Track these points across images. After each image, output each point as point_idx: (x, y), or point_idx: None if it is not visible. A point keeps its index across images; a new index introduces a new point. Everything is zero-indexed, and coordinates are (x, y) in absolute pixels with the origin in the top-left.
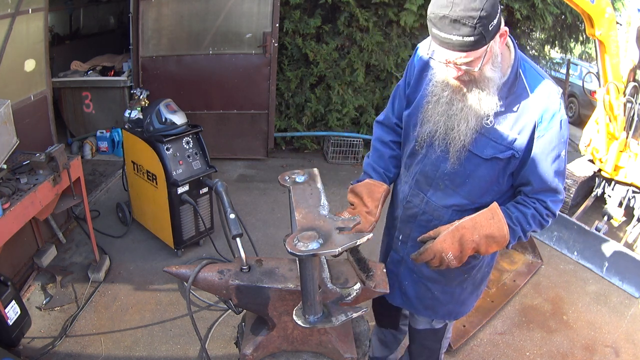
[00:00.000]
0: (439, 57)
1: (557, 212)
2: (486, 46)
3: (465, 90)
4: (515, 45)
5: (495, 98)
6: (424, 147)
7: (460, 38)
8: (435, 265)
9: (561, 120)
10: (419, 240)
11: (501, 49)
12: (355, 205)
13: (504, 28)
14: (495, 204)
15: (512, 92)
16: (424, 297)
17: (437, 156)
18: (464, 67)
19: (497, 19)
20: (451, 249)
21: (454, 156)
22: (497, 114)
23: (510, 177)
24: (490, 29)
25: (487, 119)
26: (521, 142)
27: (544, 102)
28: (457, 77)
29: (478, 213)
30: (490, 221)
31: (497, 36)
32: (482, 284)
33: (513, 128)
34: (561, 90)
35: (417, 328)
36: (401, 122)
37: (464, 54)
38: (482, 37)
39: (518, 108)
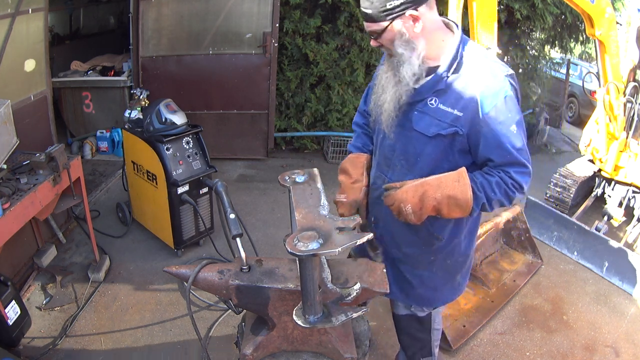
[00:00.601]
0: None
1: (525, 185)
2: (386, 22)
3: (392, 67)
4: (462, 33)
5: (410, 74)
6: (381, 129)
7: (364, 9)
8: (394, 213)
9: (505, 97)
10: (384, 188)
11: (420, 35)
12: (342, 181)
13: (416, 13)
14: (463, 169)
15: (455, 74)
16: (397, 279)
17: (392, 134)
18: (377, 41)
19: (400, 1)
20: (411, 201)
21: (390, 133)
22: (439, 95)
23: (461, 154)
24: (388, 6)
25: (416, 97)
26: (464, 119)
27: (487, 81)
28: (379, 46)
29: (445, 174)
30: (456, 183)
31: (406, 18)
32: (457, 274)
33: (455, 106)
34: (510, 72)
35: (399, 313)
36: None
37: (367, 24)
38: (379, 12)
39: (460, 88)
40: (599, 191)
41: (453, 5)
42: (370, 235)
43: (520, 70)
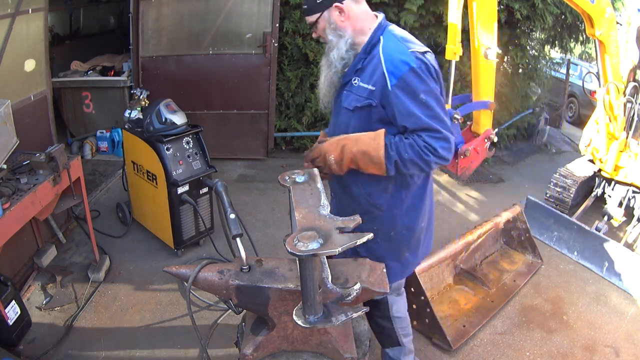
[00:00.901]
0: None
1: (441, 150)
2: (318, 14)
3: (326, 54)
4: (383, 20)
5: (338, 58)
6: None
7: (304, 6)
8: (319, 164)
9: (410, 69)
10: (317, 143)
11: (345, 24)
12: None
13: (341, 5)
14: (382, 130)
15: (370, 54)
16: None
17: (333, 111)
18: (315, 32)
19: None
20: (334, 152)
21: (330, 110)
22: (359, 74)
23: (381, 124)
24: (318, 0)
25: (345, 78)
26: (376, 92)
27: (394, 56)
28: (317, 37)
29: (365, 132)
30: (371, 141)
31: (333, 10)
32: (405, 250)
33: (369, 82)
34: (421, 50)
35: None
36: None
37: (306, 17)
38: (312, 6)
39: (372, 65)
40: (599, 191)
41: (453, 5)
42: (370, 235)
43: (520, 70)
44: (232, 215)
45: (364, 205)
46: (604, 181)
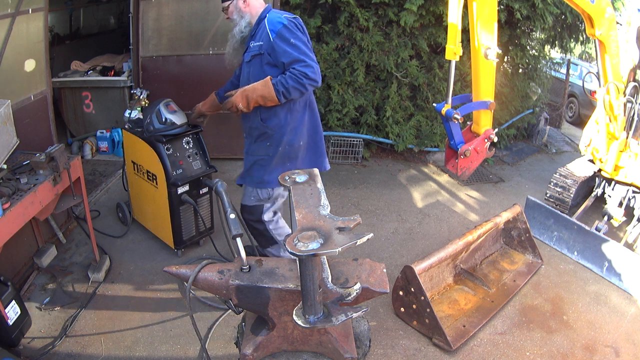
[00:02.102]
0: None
1: (312, 74)
2: (230, 1)
3: (231, 30)
4: (269, 6)
5: (238, 31)
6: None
7: None
8: (234, 110)
9: (283, 25)
10: (225, 96)
11: (246, 9)
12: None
13: None
14: (268, 78)
15: (259, 26)
16: (248, 167)
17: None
18: (227, 15)
19: None
20: (241, 101)
21: (230, 67)
22: (253, 39)
23: (269, 67)
24: None
25: (246, 45)
26: (264, 45)
27: (273, 21)
28: (227, 18)
29: (258, 82)
30: (264, 87)
31: (240, 1)
32: (287, 161)
33: (259, 40)
34: (291, 17)
35: (242, 203)
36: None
37: (222, 3)
38: None
39: (260, 31)
40: (599, 191)
41: (453, 5)
42: (370, 235)
43: (520, 70)
44: (232, 215)
45: (261, 128)
46: (604, 181)
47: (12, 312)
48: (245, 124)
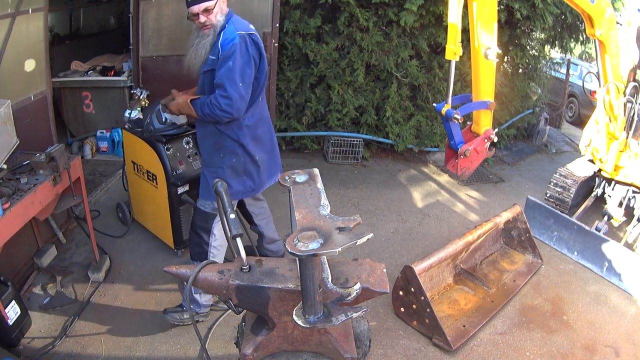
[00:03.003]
0: (190, 16)
1: (225, 107)
2: (215, 1)
3: (199, 35)
4: (231, 15)
5: (211, 40)
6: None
7: None
8: (174, 112)
9: (233, 44)
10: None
11: (226, 10)
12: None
13: None
14: (188, 101)
15: (218, 36)
16: (204, 178)
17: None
18: (203, 16)
19: None
20: (175, 110)
21: (191, 69)
22: (212, 50)
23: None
24: None
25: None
26: (216, 60)
27: (226, 36)
28: (203, 24)
29: (183, 101)
30: (188, 109)
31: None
32: (242, 173)
33: (214, 54)
34: (248, 32)
35: (197, 206)
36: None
37: (205, 4)
38: None
39: (217, 44)
40: (599, 191)
41: (453, 5)
42: (370, 235)
43: (520, 70)
44: (232, 215)
45: (216, 140)
46: (604, 181)
47: (12, 312)
48: (200, 128)
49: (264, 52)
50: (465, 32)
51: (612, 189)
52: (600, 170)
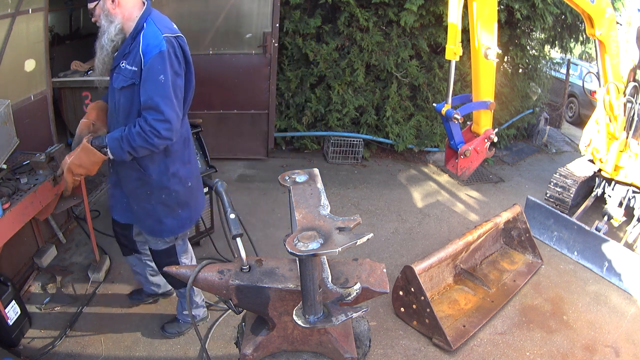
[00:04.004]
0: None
1: (165, 132)
2: (96, 2)
3: (99, 37)
4: (148, 8)
5: (108, 40)
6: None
7: None
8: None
9: (159, 52)
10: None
11: (115, 10)
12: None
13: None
14: (86, 144)
15: (135, 40)
16: (131, 209)
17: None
18: (94, 17)
19: None
20: (69, 176)
21: (102, 87)
22: (126, 57)
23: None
24: None
25: (115, 62)
26: (138, 72)
27: (150, 41)
28: (95, 21)
29: (80, 152)
30: (89, 155)
31: (108, 1)
32: (177, 207)
33: (133, 64)
34: (173, 35)
35: (152, 248)
36: None
37: (88, 4)
38: None
39: (135, 49)
40: (599, 191)
41: (453, 5)
42: (370, 235)
43: (520, 70)
44: (232, 215)
45: (138, 175)
46: (604, 181)
47: (12, 312)
48: (117, 164)
49: (190, 58)
50: (465, 32)
51: (612, 189)
52: (600, 170)
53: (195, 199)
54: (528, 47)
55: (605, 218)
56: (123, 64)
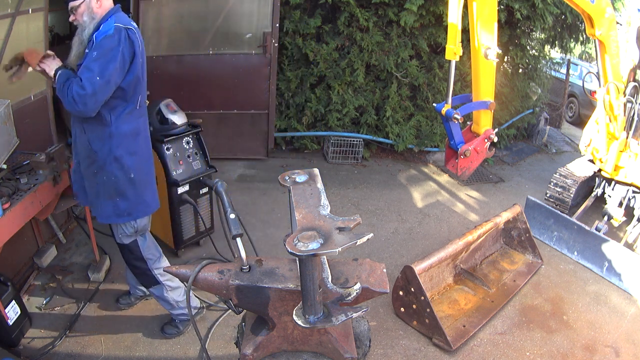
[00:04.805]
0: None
1: (76, 97)
2: (80, 1)
3: (78, 34)
4: (117, 7)
5: (87, 36)
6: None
7: None
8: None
9: (106, 36)
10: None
11: (98, 9)
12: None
13: None
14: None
15: (98, 30)
16: (84, 189)
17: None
18: (74, 15)
19: None
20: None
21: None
22: (90, 45)
23: None
24: None
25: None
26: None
27: (104, 29)
28: (73, 20)
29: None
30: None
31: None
32: (116, 196)
33: (88, 47)
34: (125, 27)
35: (117, 242)
36: None
37: (71, 3)
38: None
39: (94, 35)
40: (599, 191)
41: (453, 5)
42: (370, 235)
43: (520, 70)
44: (232, 215)
45: (86, 148)
46: (604, 181)
47: (12, 312)
48: (76, 134)
49: (140, 52)
50: (465, 32)
51: (612, 189)
52: (600, 170)
53: (137, 194)
54: (528, 47)
55: (605, 218)
56: (87, 51)
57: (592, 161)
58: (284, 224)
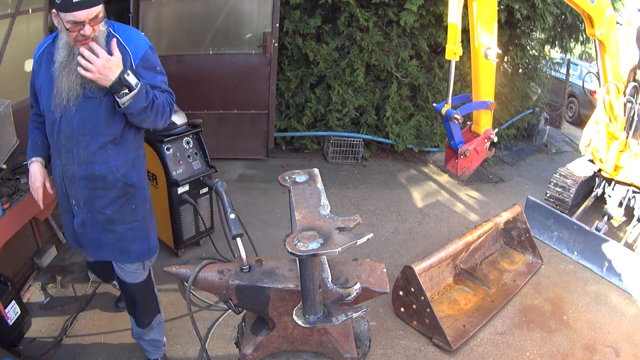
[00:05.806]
0: (70, 25)
1: (173, 101)
2: (101, 5)
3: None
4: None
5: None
6: (58, 112)
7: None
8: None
9: (150, 47)
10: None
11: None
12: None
13: None
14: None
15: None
16: (111, 241)
17: (68, 114)
18: (90, 26)
19: None
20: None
21: (71, 107)
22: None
23: (115, 110)
24: None
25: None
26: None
27: (132, 38)
28: (83, 35)
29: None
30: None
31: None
32: (152, 227)
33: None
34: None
35: (130, 282)
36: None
37: (90, 10)
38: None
39: (127, 46)
40: (599, 191)
41: (453, 5)
42: (370, 235)
43: (520, 70)
44: (232, 215)
45: (121, 188)
46: (604, 181)
47: (12, 312)
48: (81, 190)
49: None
50: (465, 32)
51: (612, 189)
52: (600, 170)
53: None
54: (528, 47)
55: (605, 218)
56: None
57: (592, 161)
58: (284, 224)
